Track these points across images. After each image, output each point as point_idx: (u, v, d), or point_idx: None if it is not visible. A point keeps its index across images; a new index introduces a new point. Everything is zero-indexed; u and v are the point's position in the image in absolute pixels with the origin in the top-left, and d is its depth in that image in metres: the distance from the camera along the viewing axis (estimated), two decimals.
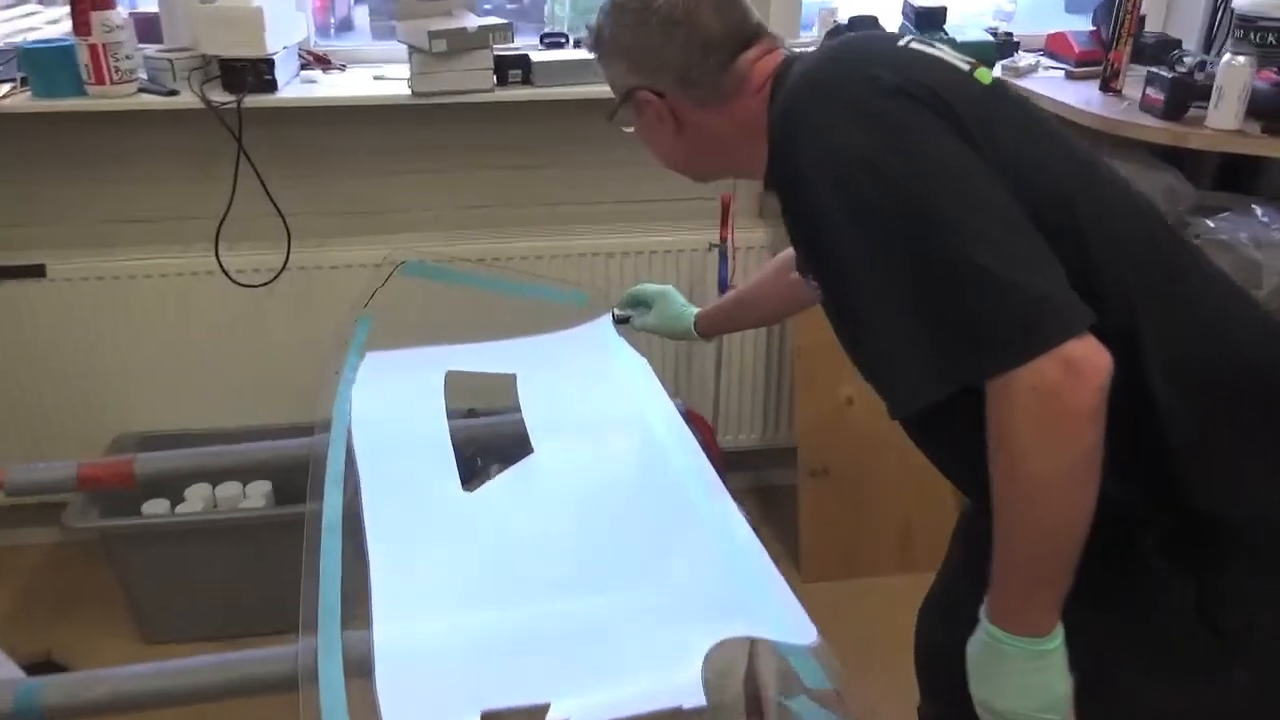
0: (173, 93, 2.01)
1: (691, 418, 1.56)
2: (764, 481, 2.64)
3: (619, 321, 1.65)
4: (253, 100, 2.00)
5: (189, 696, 1.05)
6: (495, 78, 2.07)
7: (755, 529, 1.21)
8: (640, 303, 1.65)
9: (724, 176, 1.22)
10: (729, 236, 2.10)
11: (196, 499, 2.20)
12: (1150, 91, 1.90)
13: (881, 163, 0.86)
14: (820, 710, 0.94)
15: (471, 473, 1.43)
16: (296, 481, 1.32)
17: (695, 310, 1.61)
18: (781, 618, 1.02)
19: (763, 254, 2.34)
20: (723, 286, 2.12)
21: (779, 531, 2.47)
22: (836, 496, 2.33)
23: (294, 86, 2.10)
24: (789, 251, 1.45)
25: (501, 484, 1.36)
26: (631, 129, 1.16)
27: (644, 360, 1.61)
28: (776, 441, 2.54)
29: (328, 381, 1.60)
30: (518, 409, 1.51)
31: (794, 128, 0.93)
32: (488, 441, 1.57)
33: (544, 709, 0.90)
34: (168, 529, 2.09)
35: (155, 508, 2.17)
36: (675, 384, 2.42)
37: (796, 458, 2.35)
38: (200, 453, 1.51)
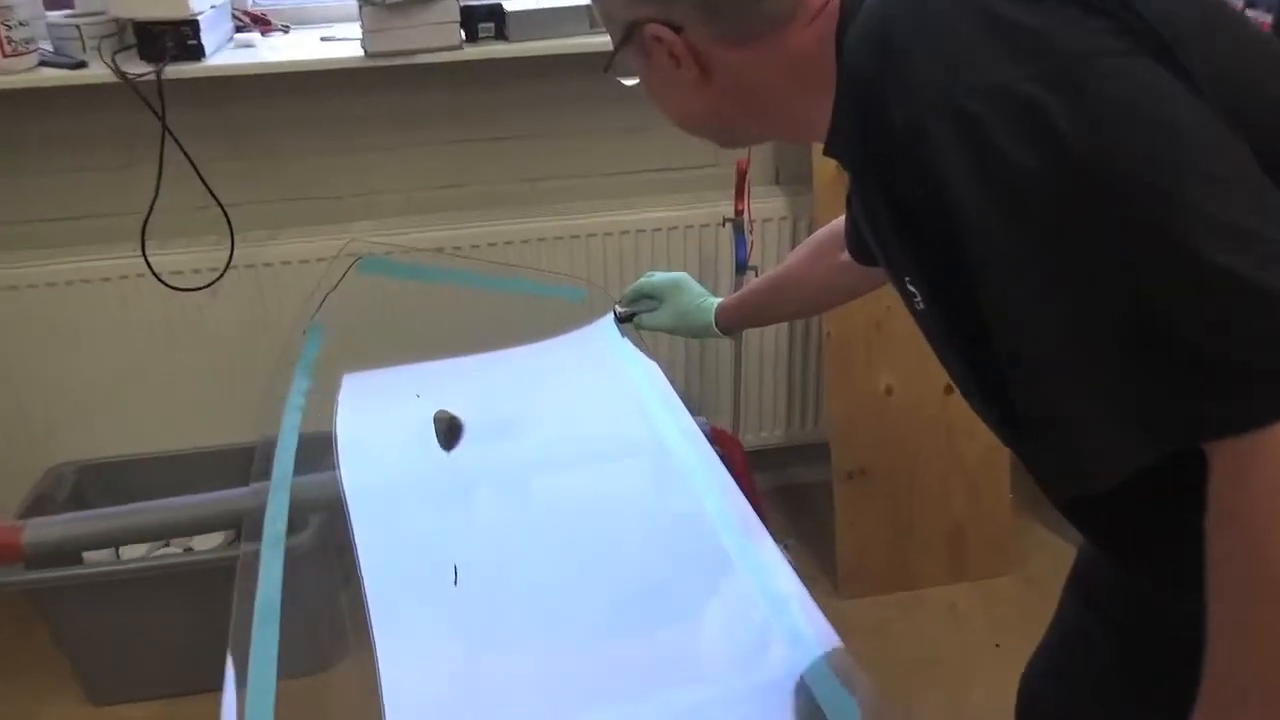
0: (80, 65, 1.71)
1: (719, 438, 1.27)
2: (789, 480, 2.36)
3: (622, 320, 1.38)
4: (175, 70, 1.70)
5: None
6: (463, 32, 1.77)
7: (787, 546, 1.01)
8: (648, 296, 1.38)
9: (762, 139, 0.92)
10: (745, 209, 1.80)
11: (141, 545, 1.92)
12: None
13: (1059, 114, 0.57)
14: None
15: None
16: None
17: (716, 302, 1.34)
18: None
19: (782, 226, 2.03)
20: (740, 268, 1.82)
21: (810, 540, 2.19)
22: (876, 501, 2.05)
23: (225, 53, 1.79)
24: (833, 225, 1.21)
25: (510, 520, 1.20)
26: (635, 80, 0.88)
27: (656, 368, 1.33)
28: (803, 438, 2.25)
29: (272, 409, 1.32)
30: (519, 436, 1.27)
31: (891, 63, 0.65)
32: (490, 473, 1.30)
33: None
34: (110, 578, 1.83)
35: (96, 554, 1.90)
36: (686, 376, 2.13)
37: (825, 455, 2.07)
38: (108, 515, 1.21)
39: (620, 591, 1.10)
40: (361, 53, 1.75)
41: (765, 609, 0.99)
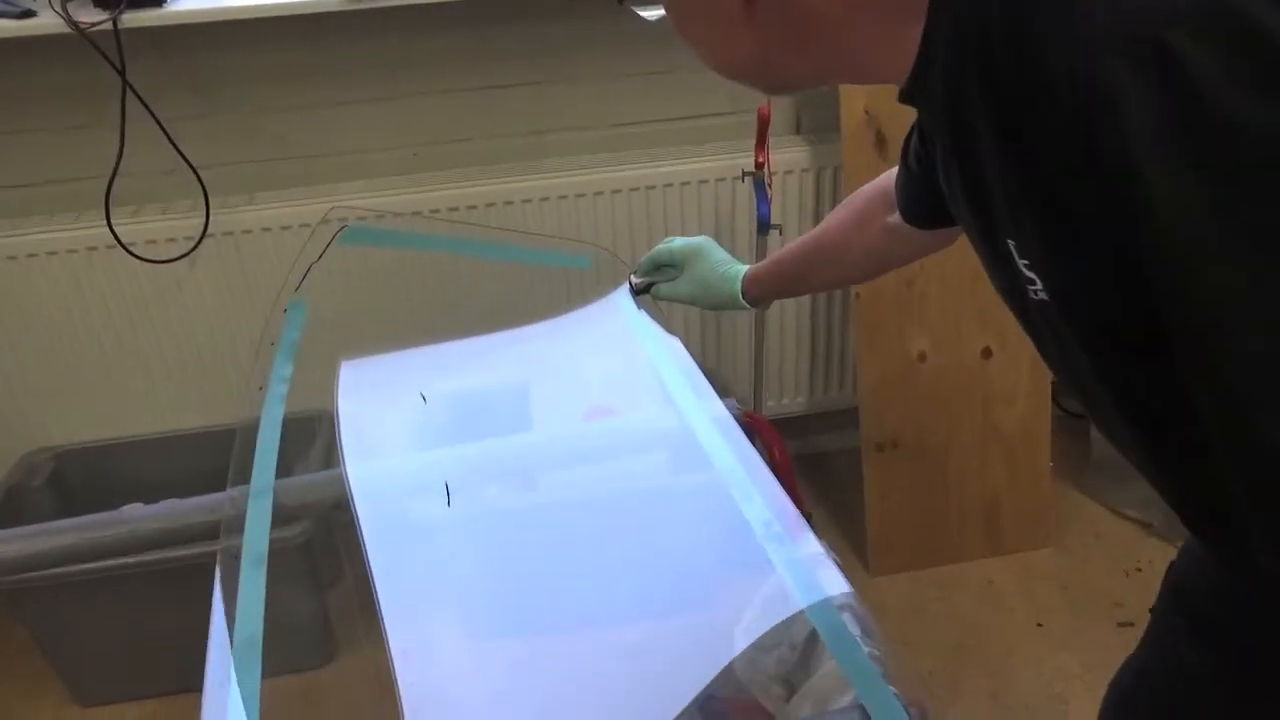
0: (28, 14, 1.54)
1: (756, 424, 1.14)
2: (814, 448, 2.23)
3: (639, 291, 1.23)
4: (133, 18, 1.54)
5: None
6: None
7: (809, 517, 0.97)
8: (666, 264, 1.23)
9: (814, 83, 0.76)
10: (766, 161, 1.64)
11: None
12: None
13: None
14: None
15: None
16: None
17: (742, 270, 1.19)
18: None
19: (804, 179, 1.87)
20: (763, 226, 1.66)
21: (836, 513, 2.07)
22: (909, 474, 1.91)
23: None
24: (879, 183, 1.07)
25: (525, 510, 1.12)
26: (656, 12, 0.79)
27: (679, 344, 1.19)
28: (827, 404, 2.11)
29: (251, 396, 1.19)
30: (530, 425, 1.17)
31: None
32: (502, 464, 1.18)
33: None
34: (89, 576, 1.68)
35: None
36: (702, 340, 1.99)
37: (850, 421, 1.94)
38: (74, 528, 1.07)
39: (644, 594, 1.00)
40: None
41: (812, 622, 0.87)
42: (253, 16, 1.60)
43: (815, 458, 2.22)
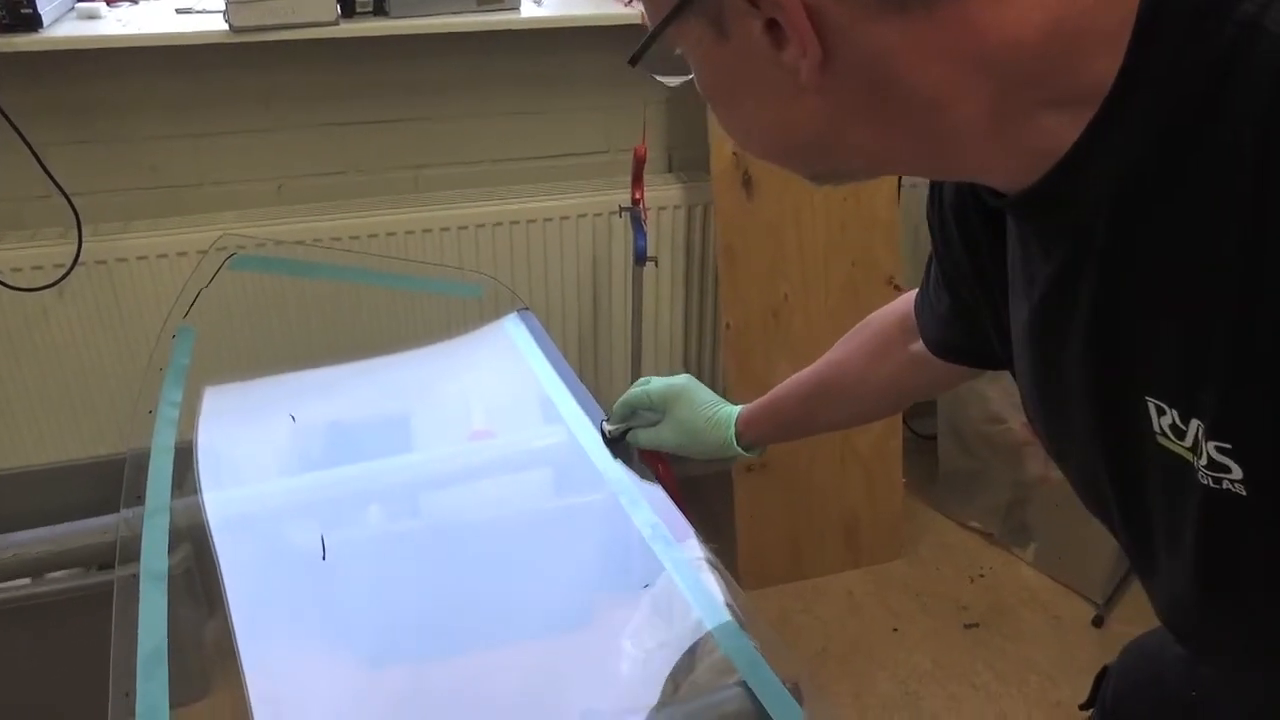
0: None
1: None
2: (687, 472, 2.31)
3: (613, 440, 1.10)
4: (8, 42, 1.52)
5: None
6: (339, 7, 1.63)
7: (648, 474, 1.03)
8: (643, 409, 1.08)
9: (882, 172, 0.59)
10: (643, 197, 1.74)
11: None
12: None
13: None
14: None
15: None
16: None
17: (734, 411, 1.05)
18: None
19: (677, 215, 1.98)
20: (640, 258, 1.76)
21: (709, 532, 2.12)
22: (776, 494, 2.03)
23: (67, 23, 1.61)
24: (894, 311, 0.94)
25: (402, 535, 1.11)
26: (680, 79, 0.59)
27: (568, 367, 1.25)
28: None
29: (140, 421, 1.19)
30: (411, 447, 1.15)
31: None
32: (378, 489, 1.19)
33: None
34: None
35: None
36: (581, 371, 2.05)
37: None
38: None
39: (530, 600, 1.04)
40: (225, 27, 1.59)
41: (698, 614, 0.94)
42: (131, 45, 1.60)
43: (690, 481, 2.31)
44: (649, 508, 1.04)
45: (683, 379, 1.07)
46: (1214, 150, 0.45)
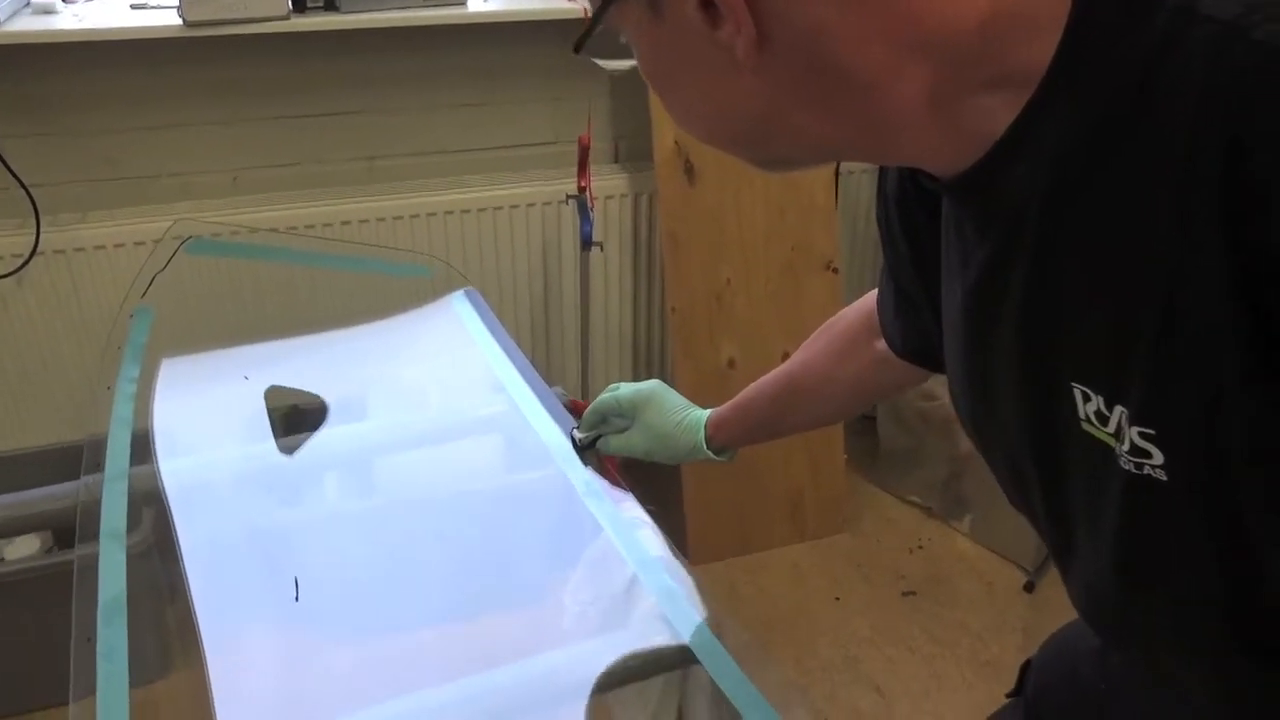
0: None
1: (578, 410, 1.28)
2: None
3: (584, 447, 1.11)
4: None
5: None
6: (290, 2, 1.70)
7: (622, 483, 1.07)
8: (613, 415, 1.08)
9: (829, 157, 0.60)
10: (588, 185, 1.81)
11: None
12: None
13: None
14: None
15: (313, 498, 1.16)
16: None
17: (703, 415, 1.04)
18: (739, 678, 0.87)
19: (623, 203, 2.06)
20: (586, 243, 1.83)
21: (662, 511, 2.22)
22: (723, 471, 2.09)
23: (22, 18, 1.66)
24: (859, 310, 0.94)
25: (356, 510, 1.15)
26: (622, 64, 0.67)
27: (511, 341, 1.32)
28: None
29: (99, 398, 1.24)
30: (362, 418, 1.21)
31: None
32: (331, 461, 1.25)
33: None
34: None
35: None
36: (534, 354, 2.12)
37: None
38: None
39: (480, 570, 1.09)
40: (179, 21, 1.64)
41: (634, 569, 1.00)
42: (87, 39, 1.64)
43: (638, 464, 2.39)
44: (582, 467, 1.11)
45: (652, 384, 1.07)
46: (1145, 138, 0.45)
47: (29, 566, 1.69)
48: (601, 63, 0.56)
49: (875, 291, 0.89)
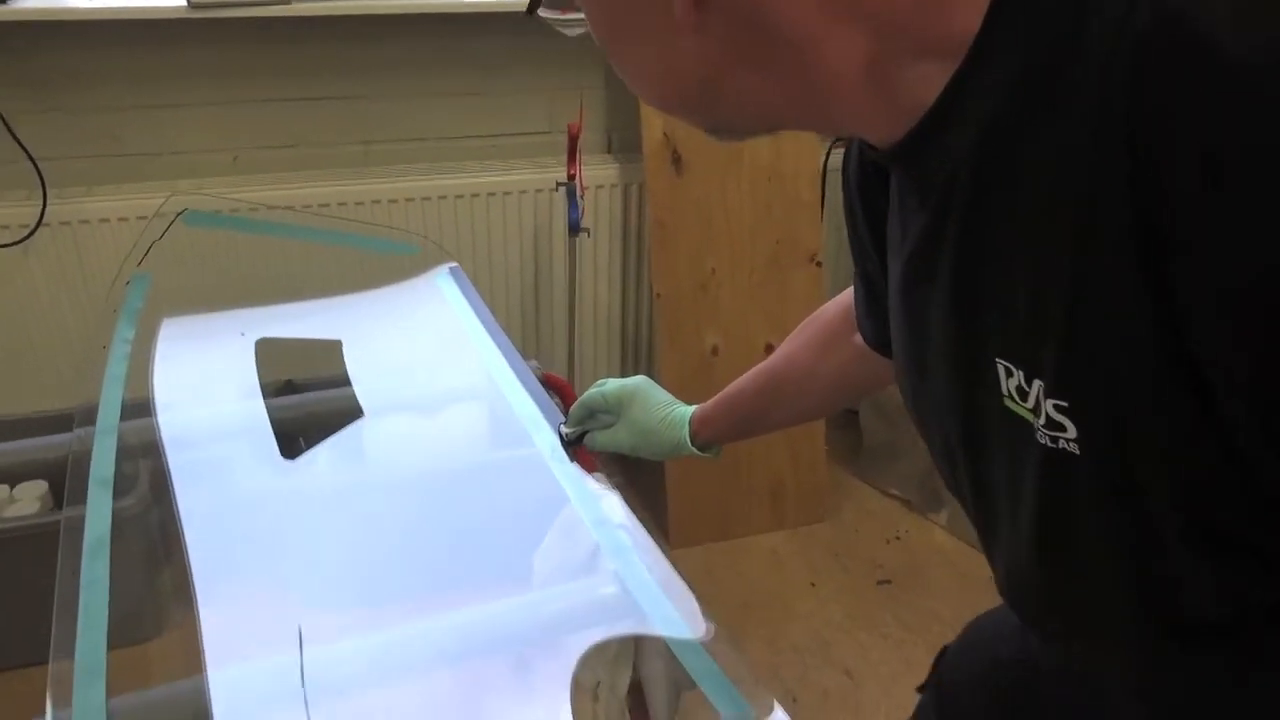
0: None
1: (551, 383, 1.33)
2: None
3: (571, 443, 1.12)
4: None
5: None
6: None
7: (610, 481, 1.06)
8: (600, 411, 1.10)
9: (771, 123, 0.59)
10: (578, 173, 1.86)
11: None
12: None
13: None
14: (736, 694, 0.82)
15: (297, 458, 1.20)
16: None
17: (688, 412, 1.05)
18: (669, 610, 0.91)
19: (614, 193, 2.11)
20: (573, 228, 1.88)
21: (645, 497, 2.28)
22: (706, 460, 2.15)
23: None
24: (840, 304, 0.94)
25: (335, 473, 1.17)
26: (578, 29, 0.66)
27: (490, 315, 1.37)
28: None
29: (95, 358, 1.30)
30: (345, 382, 1.25)
31: None
32: (313, 421, 1.31)
33: None
34: None
35: None
36: (523, 337, 2.18)
37: None
38: None
39: (457, 525, 1.11)
40: (184, 2, 1.70)
41: (596, 534, 1.04)
42: (95, 18, 1.70)
43: None
44: (551, 431, 1.16)
45: (638, 380, 1.07)
46: (1061, 109, 0.45)
47: (31, 523, 1.75)
48: (560, 28, 0.58)
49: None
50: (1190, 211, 0.41)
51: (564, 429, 1.12)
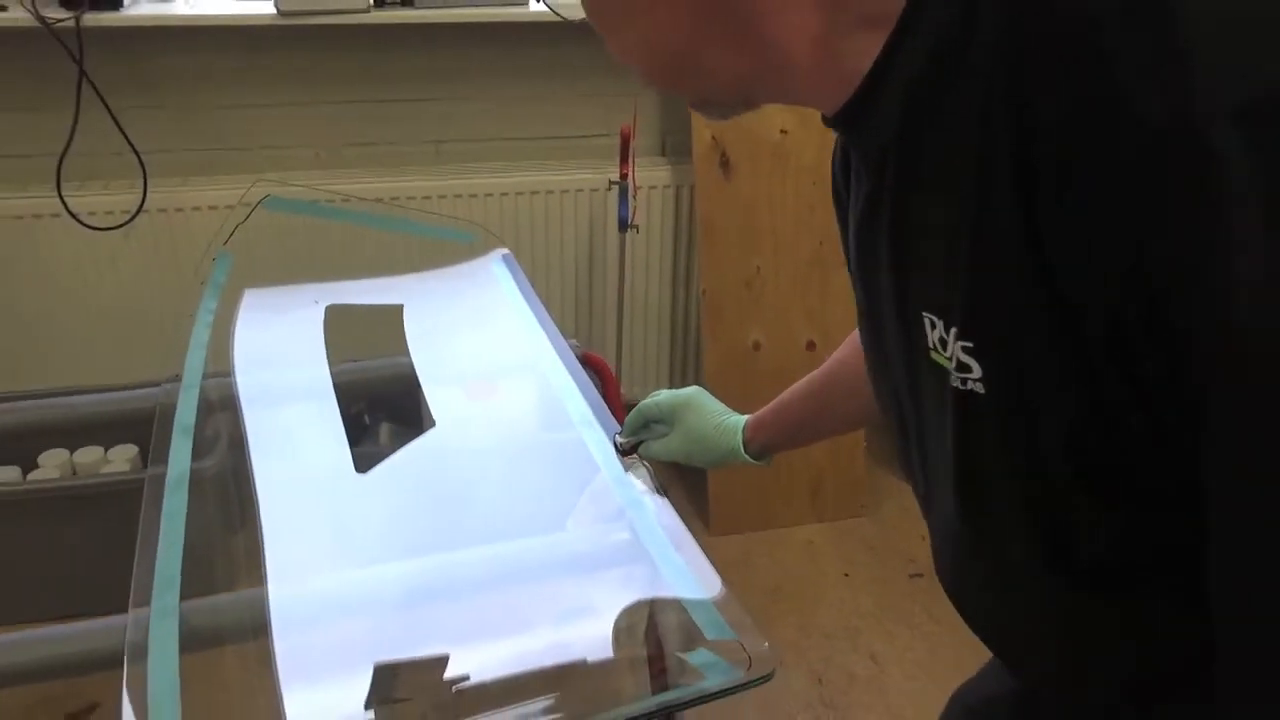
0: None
1: (590, 361, 1.44)
2: None
3: (625, 452, 1.13)
4: (94, 18, 1.80)
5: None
6: None
7: (661, 485, 1.11)
8: (654, 421, 1.10)
9: (744, 97, 0.62)
10: (630, 173, 1.97)
11: (52, 465, 2.02)
12: None
13: None
14: (720, 660, 0.87)
15: (358, 425, 1.32)
16: None
17: (741, 420, 1.06)
18: (684, 570, 0.98)
19: (666, 194, 2.22)
20: (622, 225, 1.99)
21: (687, 487, 2.38)
22: None
23: (144, 4, 1.90)
24: None
25: (392, 437, 1.27)
26: (577, 13, 0.72)
27: (534, 295, 1.49)
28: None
29: (182, 326, 1.45)
30: (403, 353, 1.39)
31: (1161, 25, 0.43)
32: (373, 388, 1.46)
33: (442, 661, 0.86)
34: (18, 498, 1.90)
35: (5, 475, 1.97)
36: (576, 325, 2.31)
37: None
38: (44, 405, 1.33)
39: (500, 486, 1.20)
40: (274, 10, 1.87)
41: (626, 509, 1.09)
42: (196, 24, 1.89)
43: None
44: (583, 401, 1.26)
45: (691, 390, 1.08)
46: (969, 73, 0.48)
47: (122, 478, 1.93)
48: (559, 11, 0.61)
49: None
50: (1054, 171, 0.45)
51: (619, 439, 1.13)
